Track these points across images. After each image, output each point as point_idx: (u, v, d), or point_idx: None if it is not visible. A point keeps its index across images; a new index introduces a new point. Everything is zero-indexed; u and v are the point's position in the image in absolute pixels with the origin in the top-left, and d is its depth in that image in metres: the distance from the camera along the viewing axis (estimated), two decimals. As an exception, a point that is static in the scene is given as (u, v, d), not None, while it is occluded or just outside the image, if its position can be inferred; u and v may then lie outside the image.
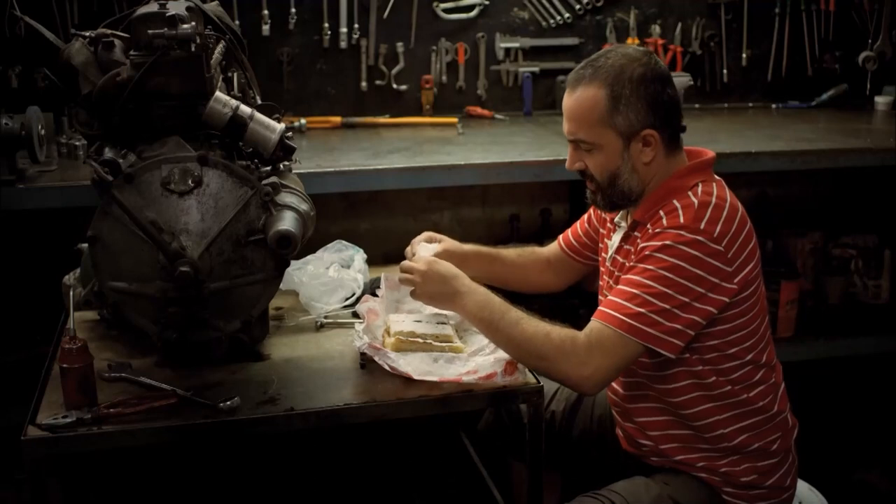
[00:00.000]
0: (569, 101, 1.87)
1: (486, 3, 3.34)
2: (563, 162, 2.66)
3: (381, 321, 2.03)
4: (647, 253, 1.76)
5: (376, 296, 2.13)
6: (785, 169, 2.86)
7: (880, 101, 3.55)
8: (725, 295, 1.76)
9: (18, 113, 2.35)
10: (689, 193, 1.81)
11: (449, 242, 2.15)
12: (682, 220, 1.76)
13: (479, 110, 3.37)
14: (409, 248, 2.13)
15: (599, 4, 3.42)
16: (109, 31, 1.94)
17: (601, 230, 2.10)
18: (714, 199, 1.79)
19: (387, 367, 1.83)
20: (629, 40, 3.43)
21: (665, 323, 1.72)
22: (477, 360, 1.88)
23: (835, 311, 3.26)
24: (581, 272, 2.27)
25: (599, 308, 1.79)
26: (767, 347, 1.91)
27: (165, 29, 1.77)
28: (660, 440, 1.92)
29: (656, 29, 3.47)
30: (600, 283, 2.07)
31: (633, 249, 1.87)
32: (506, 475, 2.32)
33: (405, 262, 1.96)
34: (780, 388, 1.94)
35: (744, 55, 3.56)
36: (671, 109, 1.85)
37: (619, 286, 1.79)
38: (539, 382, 1.84)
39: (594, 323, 1.77)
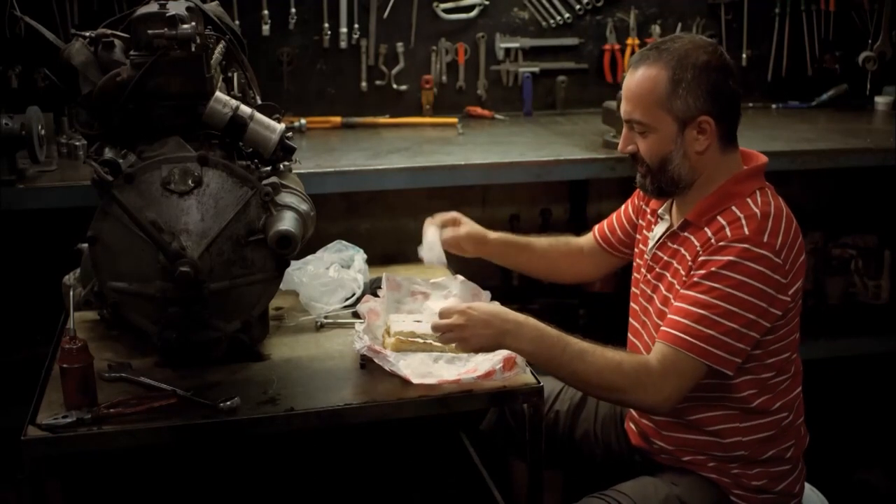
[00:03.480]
0: (629, 81, 1.85)
1: (486, 3, 3.33)
2: (564, 162, 2.70)
3: (382, 321, 2.03)
4: (712, 269, 1.74)
5: (377, 296, 2.13)
6: (785, 169, 2.85)
7: (880, 101, 3.55)
8: (781, 308, 1.76)
9: (18, 113, 2.35)
10: (749, 202, 1.79)
11: (470, 227, 2.12)
12: (746, 231, 1.74)
13: (479, 110, 3.37)
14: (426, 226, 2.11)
15: (599, 4, 3.42)
16: (109, 31, 1.94)
17: (640, 222, 2.08)
18: (773, 209, 1.78)
19: (386, 369, 1.83)
20: (629, 40, 3.43)
21: (732, 343, 1.72)
22: (476, 360, 1.88)
23: (835, 311, 3.26)
24: (617, 264, 2.24)
25: (666, 329, 1.76)
26: (796, 357, 1.91)
27: (165, 29, 1.77)
28: (674, 441, 1.92)
29: (656, 29, 3.46)
30: (635, 275, 2.05)
31: (683, 251, 1.85)
32: (507, 475, 2.32)
33: (439, 321, 1.76)
34: (800, 398, 1.95)
35: (744, 55, 3.55)
36: (731, 102, 1.84)
37: (685, 304, 1.75)
38: (539, 382, 1.84)
39: (663, 347, 1.74)
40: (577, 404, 2.18)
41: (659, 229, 1.96)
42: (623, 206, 2.19)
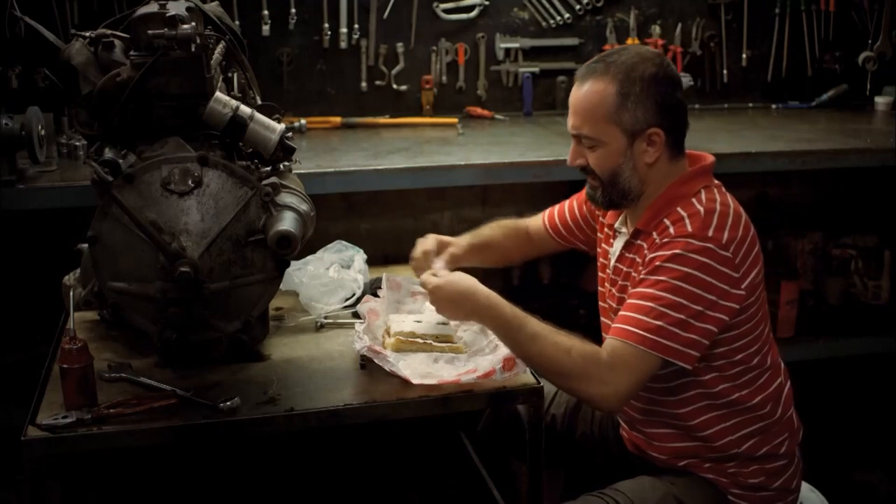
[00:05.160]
0: (577, 94, 1.85)
1: (486, 3, 3.33)
2: (564, 162, 2.67)
3: (382, 321, 2.03)
4: (657, 264, 1.75)
5: (377, 296, 2.13)
6: (785, 169, 2.86)
7: (880, 101, 3.55)
8: (736, 302, 1.75)
9: (18, 113, 2.35)
10: (693, 201, 1.80)
11: (454, 247, 2.15)
12: (689, 228, 1.75)
13: (479, 110, 3.37)
14: (418, 252, 2.11)
15: (599, 4, 3.42)
16: (109, 32, 1.94)
17: (598, 234, 2.09)
18: (718, 206, 1.78)
19: (387, 370, 1.83)
20: (629, 40, 3.42)
21: (682, 334, 1.71)
22: (476, 360, 1.88)
23: (835, 311, 3.26)
24: (559, 249, 2.29)
25: (615, 325, 1.76)
26: (771, 350, 1.91)
27: (165, 29, 1.77)
28: (667, 451, 1.92)
29: (656, 29, 3.46)
30: (601, 289, 2.05)
31: (638, 259, 1.85)
32: (507, 475, 2.32)
33: (422, 279, 1.90)
34: (784, 390, 1.94)
35: (744, 55, 3.55)
36: (678, 113, 1.84)
37: (632, 300, 1.76)
38: (539, 383, 1.84)
39: (613, 341, 1.73)
40: (574, 406, 2.18)
41: (618, 244, 1.96)
42: (576, 200, 2.19)
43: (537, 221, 2.29)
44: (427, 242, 2.14)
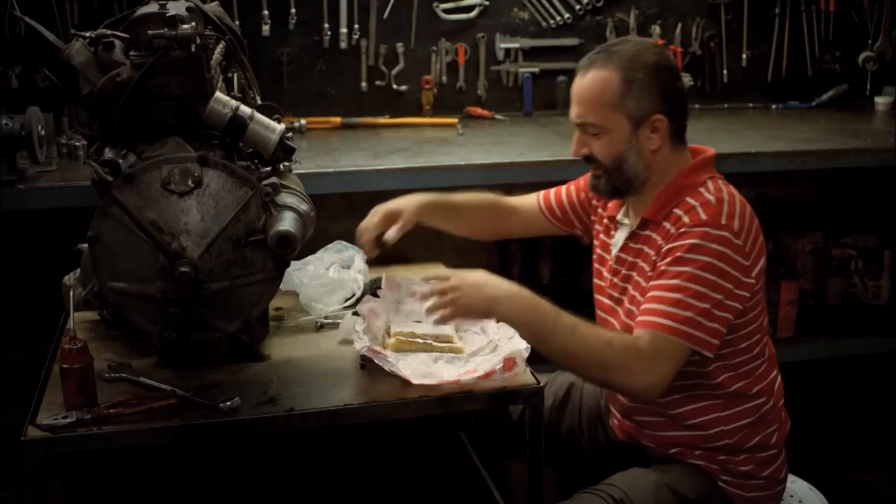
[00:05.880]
0: (580, 84, 1.86)
1: (486, 3, 3.34)
2: (564, 162, 2.69)
3: (382, 322, 2.03)
4: (678, 255, 1.76)
5: (377, 296, 2.13)
6: (785, 169, 2.86)
7: (880, 101, 3.55)
8: (748, 290, 1.78)
9: (18, 113, 2.35)
10: (702, 190, 1.82)
11: (403, 220, 2.11)
12: (703, 216, 1.77)
13: (479, 111, 3.37)
14: (367, 227, 2.11)
15: (599, 4, 3.42)
16: (109, 32, 1.94)
17: (597, 226, 2.10)
18: (726, 196, 1.81)
19: (387, 370, 1.83)
20: (629, 40, 3.42)
21: (707, 323, 1.73)
22: (476, 360, 1.88)
23: (835, 311, 3.26)
24: (550, 232, 2.28)
25: (645, 318, 1.75)
26: (767, 340, 1.94)
27: (165, 29, 1.77)
28: (658, 440, 1.94)
29: (656, 29, 3.46)
30: (598, 282, 2.06)
31: (647, 250, 1.87)
32: (500, 475, 2.32)
33: (435, 286, 1.80)
34: (777, 381, 1.96)
35: (744, 55, 3.56)
36: (680, 101, 1.87)
37: (658, 292, 1.76)
38: (539, 383, 1.84)
39: (646, 333, 1.73)
40: (561, 400, 2.19)
41: (620, 234, 1.98)
42: (574, 184, 2.20)
43: (531, 199, 2.28)
44: (373, 221, 2.12)
